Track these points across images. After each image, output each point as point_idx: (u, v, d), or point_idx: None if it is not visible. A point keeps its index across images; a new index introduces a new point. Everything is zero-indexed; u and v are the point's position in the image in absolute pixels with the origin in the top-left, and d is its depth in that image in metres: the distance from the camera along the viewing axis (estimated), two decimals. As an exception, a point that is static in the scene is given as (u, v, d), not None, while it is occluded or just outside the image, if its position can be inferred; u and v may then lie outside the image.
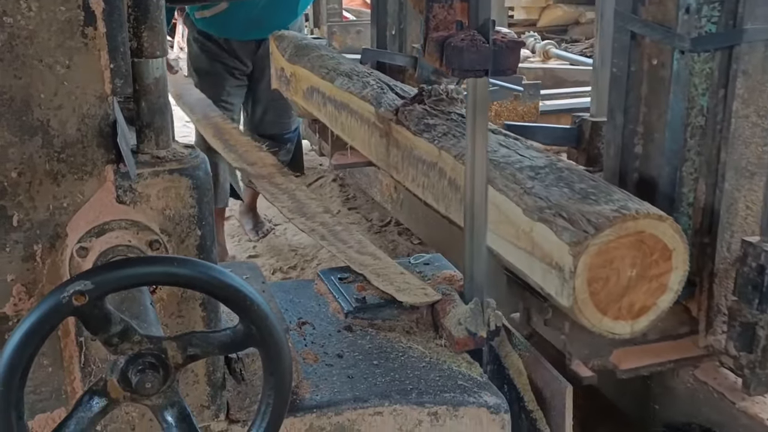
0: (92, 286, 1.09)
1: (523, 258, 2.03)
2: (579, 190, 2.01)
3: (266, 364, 1.24)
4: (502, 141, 2.43)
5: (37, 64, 1.30)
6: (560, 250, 1.86)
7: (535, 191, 2.03)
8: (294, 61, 3.70)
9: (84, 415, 1.16)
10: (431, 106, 2.69)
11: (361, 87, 3.08)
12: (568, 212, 1.89)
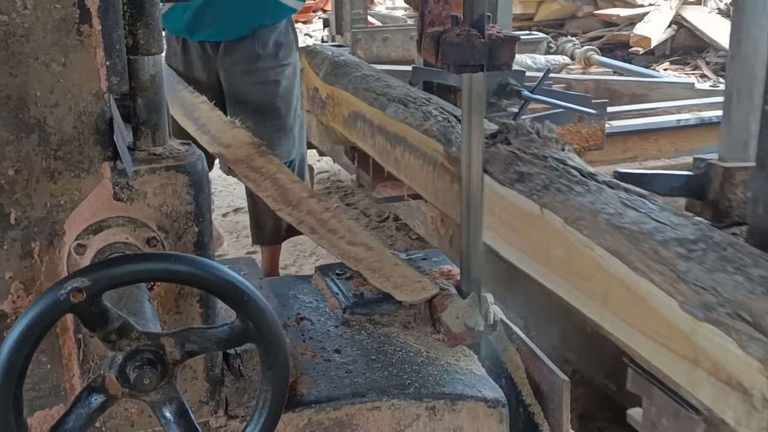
0: (90, 283, 1.10)
1: (679, 365, 1.57)
2: (758, 278, 1.52)
3: (264, 360, 1.24)
4: (625, 198, 1.89)
5: (32, 62, 1.30)
6: (745, 366, 1.40)
7: (693, 277, 1.56)
8: (331, 81, 3.31)
9: (83, 412, 1.17)
10: (521, 149, 2.26)
11: (421, 118, 2.65)
12: (751, 313, 1.42)
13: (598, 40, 8.43)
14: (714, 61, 7.89)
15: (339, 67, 3.34)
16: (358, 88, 3.11)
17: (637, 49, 7.99)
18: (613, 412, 2.82)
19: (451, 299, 2.01)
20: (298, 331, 1.97)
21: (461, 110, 2.10)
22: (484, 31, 1.77)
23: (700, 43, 8.11)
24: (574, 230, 1.79)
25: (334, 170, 5.55)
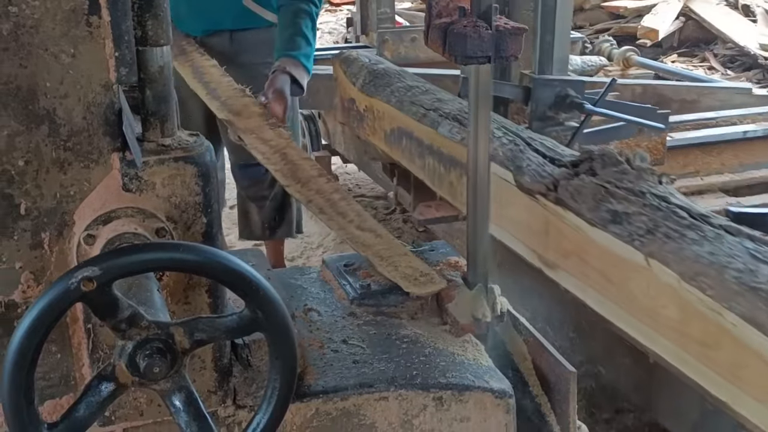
0: (100, 272, 1.11)
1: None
2: None
3: (272, 349, 1.25)
4: (753, 249, 1.58)
5: (42, 53, 1.31)
6: None
7: None
8: (370, 92, 3.00)
9: (93, 400, 1.18)
10: (611, 181, 1.90)
11: None
12: None
13: (605, 32, 8.40)
14: (722, 53, 7.86)
15: (379, 76, 3.03)
16: (402, 101, 2.81)
17: (645, 41, 7.96)
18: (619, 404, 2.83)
19: (458, 290, 2.02)
20: (306, 322, 1.97)
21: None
22: (492, 22, 1.76)
23: (708, 35, 8.08)
24: (695, 289, 1.53)
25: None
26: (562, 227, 1.88)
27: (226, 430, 1.65)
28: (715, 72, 7.48)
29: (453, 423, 1.78)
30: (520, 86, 3.00)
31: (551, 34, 3.05)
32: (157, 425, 1.58)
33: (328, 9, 11.14)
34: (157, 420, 1.57)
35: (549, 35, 3.05)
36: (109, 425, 1.55)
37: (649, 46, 8.01)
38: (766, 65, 7.33)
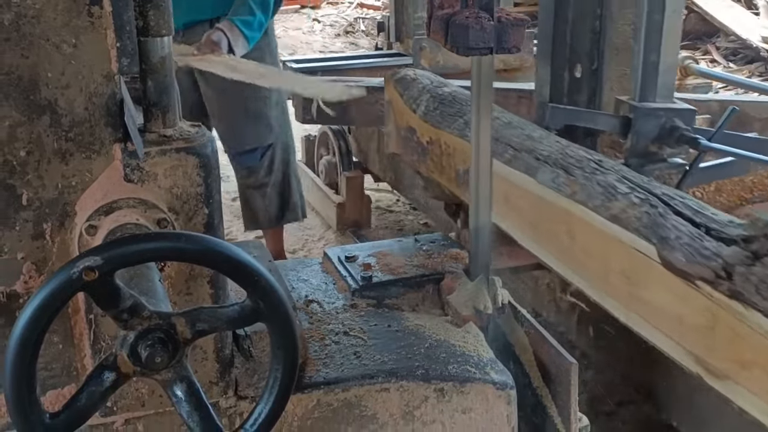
0: (102, 262, 1.11)
1: None
2: None
3: (274, 339, 1.25)
4: None
5: (44, 43, 1.31)
6: None
7: None
8: (436, 122, 2.50)
9: (95, 390, 1.18)
10: None
11: (601, 195, 1.82)
12: None
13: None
14: (724, 45, 7.85)
15: (447, 103, 2.53)
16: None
17: (647, 34, 7.95)
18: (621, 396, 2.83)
19: (459, 282, 2.02)
20: (307, 314, 1.98)
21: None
22: (494, 13, 1.76)
23: (711, 27, 8.06)
24: None
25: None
26: (739, 329, 1.41)
27: (227, 420, 1.65)
28: (717, 65, 7.46)
29: (454, 414, 1.78)
30: (618, 116, 2.54)
31: (656, 53, 2.56)
32: (158, 416, 1.58)
33: (329, 1, 11.13)
34: (158, 410, 1.57)
35: (653, 55, 2.56)
36: (111, 415, 1.55)
37: (652, 39, 7.98)
38: (768, 58, 7.32)
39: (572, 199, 1.89)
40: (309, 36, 9.76)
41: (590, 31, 2.56)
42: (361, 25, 9.93)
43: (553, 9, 2.57)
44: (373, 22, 9.93)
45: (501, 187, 2.07)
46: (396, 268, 2.13)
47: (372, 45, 9.18)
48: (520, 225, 2.13)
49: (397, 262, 2.16)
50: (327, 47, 9.20)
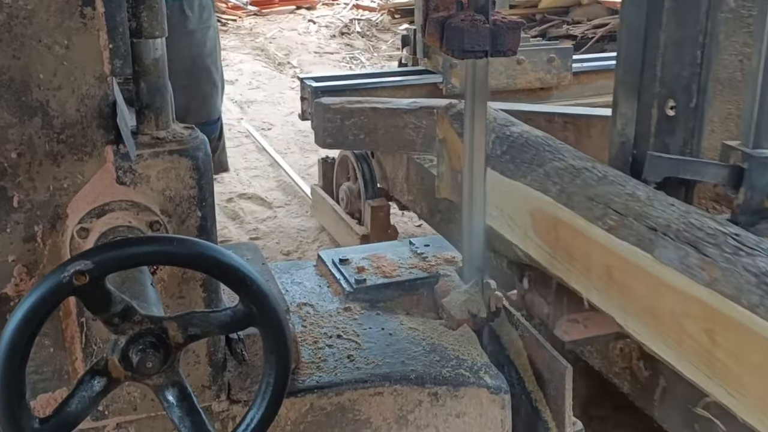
0: (93, 266, 1.10)
1: None
2: None
3: (266, 344, 1.24)
4: None
5: (35, 44, 1.30)
6: None
7: None
8: (508, 172, 2.15)
9: (85, 395, 1.17)
10: None
11: (759, 289, 1.46)
12: None
13: (602, 28, 8.39)
14: (719, 49, 7.85)
15: (518, 147, 2.20)
16: (570, 194, 1.94)
17: (642, 37, 7.96)
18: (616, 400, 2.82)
19: (453, 285, 2.01)
20: (301, 317, 1.97)
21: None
22: (489, 16, 1.76)
23: (706, 31, 8.07)
24: None
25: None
26: None
27: (220, 424, 1.64)
28: (713, 68, 7.47)
29: (448, 418, 1.78)
30: (729, 165, 2.14)
31: (775, 91, 2.14)
32: (150, 420, 1.57)
33: (325, 2, 11.13)
34: (150, 414, 1.56)
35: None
36: (102, 419, 1.54)
37: (647, 42, 7.99)
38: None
39: (713, 290, 1.52)
40: (304, 37, 9.75)
41: (689, 62, 2.09)
42: (356, 27, 9.93)
43: (642, 33, 2.10)
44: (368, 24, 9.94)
45: (602, 259, 1.77)
46: (390, 271, 2.13)
47: (367, 46, 9.19)
48: (631, 310, 1.76)
49: (391, 265, 2.16)
50: (322, 48, 9.19)
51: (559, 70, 4.01)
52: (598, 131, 3.09)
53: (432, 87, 3.93)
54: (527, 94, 4.02)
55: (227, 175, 5.27)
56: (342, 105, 3.25)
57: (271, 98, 7.23)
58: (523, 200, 2.06)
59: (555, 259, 1.99)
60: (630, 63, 2.17)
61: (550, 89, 4.10)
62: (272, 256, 4.15)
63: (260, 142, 5.87)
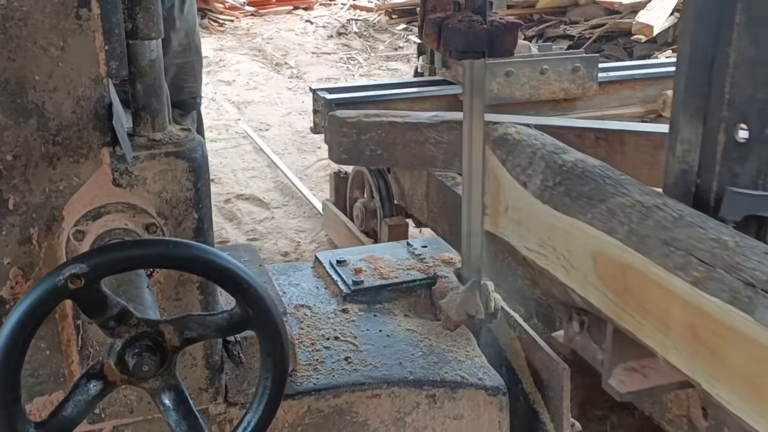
0: (88, 269, 1.09)
1: None
2: None
3: (263, 347, 1.24)
4: None
5: (31, 46, 1.29)
6: None
7: None
8: (563, 206, 1.89)
9: (81, 399, 1.16)
10: None
11: None
12: None
13: (600, 28, 8.39)
14: (716, 49, 7.85)
15: (574, 178, 1.91)
16: (641, 236, 1.69)
17: (640, 37, 7.95)
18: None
19: (451, 287, 2.01)
20: (298, 319, 1.96)
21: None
22: (486, 17, 1.75)
23: None
24: None
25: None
26: None
27: (217, 427, 1.64)
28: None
29: (446, 420, 1.77)
30: None
31: None
32: (147, 423, 1.57)
33: (322, 3, 11.12)
34: (147, 417, 1.56)
35: None
36: (99, 422, 1.53)
37: (644, 42, 8.00)
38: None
39: None
40: (302, 37, 9.74)
41: (764, 83, 1.84)
42: (353, 27, 9.93)
43: (709, 50, 1.87)
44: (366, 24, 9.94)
45: (686, 316, 1.57)
46: (387, 273, 2.12)
47: (365, 47, 9.18)
48: (723, 378, 1.53)
49: (389, 267, 2.15)
50: (319, 48, 9.18)
51: (584, 80, 3.85)
52: (632, 148, 2.96)
53: (452, 98, 3.72)
54: (550, 106, 3.87)
55: (224, 176, 5.27)
56: (358, 118, 3.11)
57: (268, 99, 7.23)
58: (582, 240, 1.77)
59: (623, 310, 1.74)
60: (693, 83, 1.93)
61: (574, 100, 3.91)
62: (270, 257, 4.14)
63: (257, 143, 5.87)
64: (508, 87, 3.74)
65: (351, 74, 8.09)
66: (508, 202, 2.06)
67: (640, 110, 3.98)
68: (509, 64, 3.72)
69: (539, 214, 1.93)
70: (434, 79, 3.97)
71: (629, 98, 3.96)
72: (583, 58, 3.90)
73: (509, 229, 2.09)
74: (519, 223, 2.02)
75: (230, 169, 5.42)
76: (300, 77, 8.00)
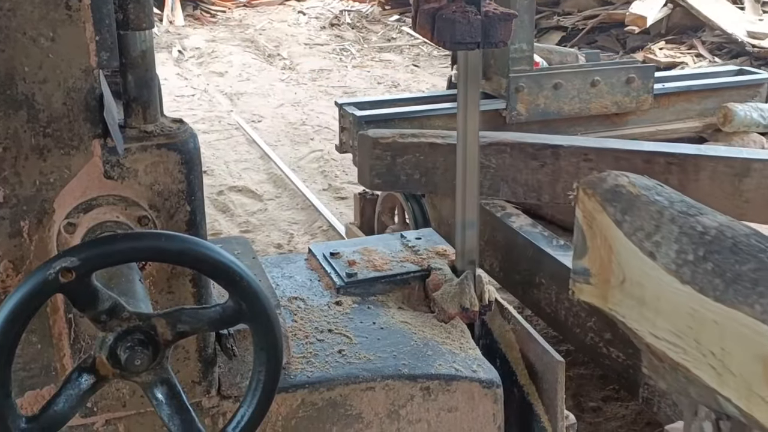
0: (79, 263, 1.08)
1: None
2: None
3: (256, 340, 1.23)
4: None
5: (20, 37, 1.27)
6: None
7: None
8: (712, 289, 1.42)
9: (73, 393, 1.15)
10: None
11: None
12: None
13: (593, 19, 8.39)
14: (710, 40, 7.85)
15: (723, 253, 1.45)
16: None
17: (633, 29, 7.95)
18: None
19: (445, 279, 2.00)
20: (291, 311, 1.95)
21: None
22: (480, 7, 1.74)
23: (696, 22, 8.06)
24: None
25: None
26: None
27: (210, 420, 1.63)
28: (703, 59, 7.47)
29: (440, 413, 1.77)
30: None
31: None
32: (140, 416, 1.56)
33: (314, -6, 11.09)
34: (140, 411, 1.55)
35: None
36: (91, 416, 1.52)
37: (637, 33, 8.00)
38: (753, 53, 7.33)
39: None
40: (294, 28, 9.71)
41: None
42: (346, 18, 9.90)
43: None
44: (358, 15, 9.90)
45: None
46: (381, 265, 2.11)
47: (358, 38, 9.15)
48: None
49: (383, 259, 2.14)
50: (312, 39, 9.16)
51: (638, 92, 3.51)
52: (708, 175, 2.69)
53: (493, 114, 3.39)
54: (599, 121, 3.56)
55: (217, 168, 5.25)
56: (393, 139, 2.81)
57: (261, 90, 7.21)
58: (747, 339, 1.39)
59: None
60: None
61: (625, 114, 3.59)
62: (263, 249, 4.13)
63: (250, 135, 5.85)
64: (555, 101, 3.43)
65: (344, 65, 8.07)
66: (626, 274, 1.64)
67: (698, 124, 3.68)
68: (558, 75, 3.43)
69: (676, 296, 1.51)
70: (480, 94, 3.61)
71: (686, 111, 3.66)
72: (638, 68, 3.57)
73: (626, 306, 1.65)
74: (642, 302, 1.60)
75: (223, 161, 5.41)
76: (293, 68, 7.98)
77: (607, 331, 2.20)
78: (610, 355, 2.31)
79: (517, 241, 2.67)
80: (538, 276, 2.58)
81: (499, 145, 2.67)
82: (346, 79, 7.59)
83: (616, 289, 1.66)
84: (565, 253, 2.47)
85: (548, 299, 2.54)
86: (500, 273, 2.79)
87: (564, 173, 2.75)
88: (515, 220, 2.76)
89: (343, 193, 4.82)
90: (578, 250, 1.75)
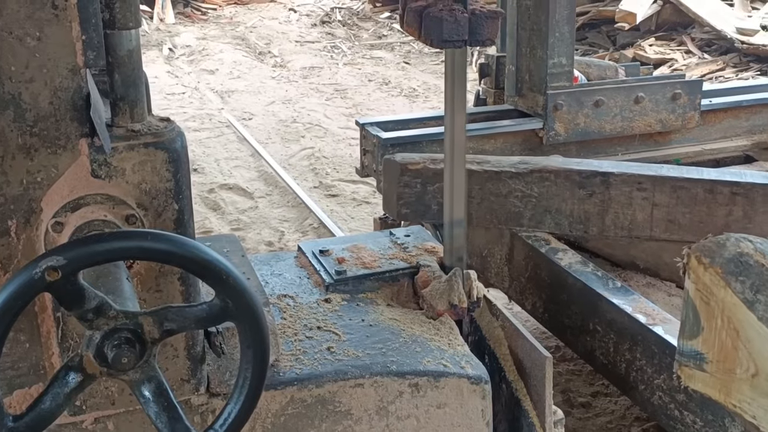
0: (65, 262, 1.08)
1: None
2: None
3: (243, 338, 1.23)
4: None
5: (6, 36, 1.28)
6: None
7: None
8: None
9: (60, 391, 1.16)
10: None
11: None
12: None
13: (583, 16, 8.40)
14: (699, 36, 7.87)
15: None
16: None
17: (623, 25, 7.97)
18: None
19: (434, 276, 2.01)
20: (280, 309, 1.96)
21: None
22: (467, 5, 1.75)
23: (686, 18, 8.09)
24: None
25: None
26: None
27: (199, 418, 1.63)
28: (693, 56, 7.50)
29: (429, 409, 1.77)
30: None
31: None
32: (128, 414, 1.56)
33: (306, -9, 11.07)
34: (129, 409, 1.55)
35: None
36: (80, 414, 1.53)
37: (627, 30, 8.02)
38: (742, 49, 7.36)
39: None
40: (285, 26, 9.70)
41: None
42: (337, 15, 9.89)
43: None
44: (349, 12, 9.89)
45: None
46: (370, 262, 2.12)
47: (349, 35, 9.15)
48: None
49: (372, 256, 2.15)
50: (303, 37, 9.15)
51: (685, 108, 3.25)
52: None
53: (530, 135, 3.17)
54: (641, 140, 3.32)
55: (208, 166, 5.25)
56: (423, 165, 2.56)
57: (251, 88, 7.20)
58: None
59: None
60: None
61: (669, 133, 3.34)
62: (254, 247, 4.14)
63: (241, 132, 5.84)
64: (596, 119, 3.18)
65: (335, 63, 8.07)
66: (759, 367, 1.42)
67: (746, 143, 3.41)
68: (599, 92, 3.17)
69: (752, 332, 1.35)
70: (502, 108, 3.32)
71: (733, 128, 3.42)
72: (684, 83, 3.30)
73: (758, 407, 1.43)
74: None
75: (213, 158, 5.41)
76: (284, 66, 7.97)
77: (680, 392, 1.94)
78: (684, 419, 2.01)
79: (567, 281, 2.40)
80: (592, 322, 2.32)
81: (542, 173, 2.47)
82: (337, 76, 7.59)
83: (744, 383, 1.42)
84: (624, 297, 2.24)
85: (604, 349, 2.28)
86: (545, 314, 2.56)
87: (614, 203, 2.50)
88: (562, 256, 2.48)
89: (333, 191, 4.83)
90: (688, 328, 1.53)
